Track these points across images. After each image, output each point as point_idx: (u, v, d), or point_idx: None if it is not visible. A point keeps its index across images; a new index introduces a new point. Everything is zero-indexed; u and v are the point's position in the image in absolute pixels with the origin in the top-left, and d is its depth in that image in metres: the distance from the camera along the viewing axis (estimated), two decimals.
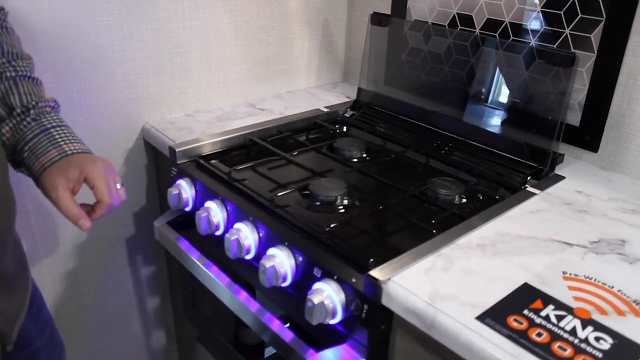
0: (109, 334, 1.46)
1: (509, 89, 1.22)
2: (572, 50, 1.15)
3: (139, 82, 1.29)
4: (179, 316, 1.54)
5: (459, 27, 1.35)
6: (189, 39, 1.33)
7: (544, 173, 1.11)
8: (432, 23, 1.40)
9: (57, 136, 0.89)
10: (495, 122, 1.24)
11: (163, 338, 1.59)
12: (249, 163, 1.15)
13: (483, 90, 1.26)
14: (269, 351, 1.32)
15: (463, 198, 1.05)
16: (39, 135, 0.88)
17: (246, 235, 0.95)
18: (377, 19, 1.42)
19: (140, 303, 1.50)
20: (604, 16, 1.09)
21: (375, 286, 0.76)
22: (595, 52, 1.12)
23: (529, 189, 1.06)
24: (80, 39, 1.16)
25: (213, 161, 1.17)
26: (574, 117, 1.18)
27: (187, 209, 1.13)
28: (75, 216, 0.85)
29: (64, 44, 1.15)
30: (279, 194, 1.00)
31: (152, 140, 1.31)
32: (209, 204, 1.05)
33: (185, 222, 1.18)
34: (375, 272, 0.77)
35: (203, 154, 1.19)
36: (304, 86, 1.62)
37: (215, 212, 1.03)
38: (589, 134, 1.17)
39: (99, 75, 1.22)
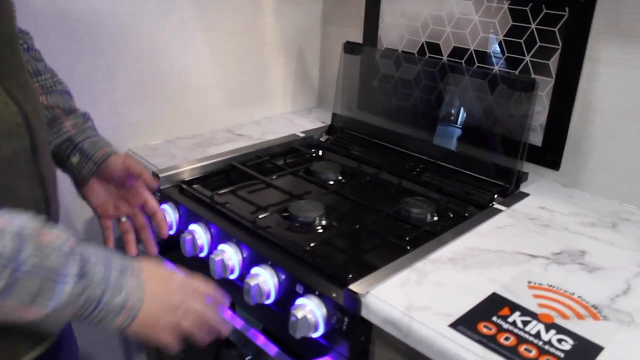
0: (88, 359, 1.48)
1: (475, 112, 1.29)
2: (533, 75, 1.23)
3: (123, 110, 1.33)
4: None
5: (428, 54, 1.42)
6: (171, 68, 1.38)
7: (510, 191, 1.18)
8: (402, 51, 1.47)
9: (87, 148, 0.97)
10: (463, 143, 1.31)
11: (145, 358, 1.62)
12: (230, 187, 1.20)
13: (451, 114, 1.33)
14: None
15: (434, 216, 1.11)
16: (97, 135, 1.01)
17: (230, 256, 1.00)
18: (350, 47, 1.49)
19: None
20: (560, 44, 1.17)
21: (355, 299, 0.81)
22: (554, 77, 1.20)
23: (496, 206, 1.12)
24: (67, 69, 1.20)
25: (195, 186, 1.22)
26: (537, 138, 1.26)
27: (171, 232, 1.17)
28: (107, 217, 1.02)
29: None
30: (261, 216, 1.05)
31: None
32: (193, 227, 1.09)
33: (169, 245, 1.22)
34: (354, 287, 0.83)
35: (185, 179, 1.24)
36: (280, 112, 1.68)
37: (200, 234, 1.07)
38: (550, 154, 1.25)
39: (85, 104, 1.25)
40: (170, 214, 1.16)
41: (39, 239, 0.60)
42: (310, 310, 0.85)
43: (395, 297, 0.81)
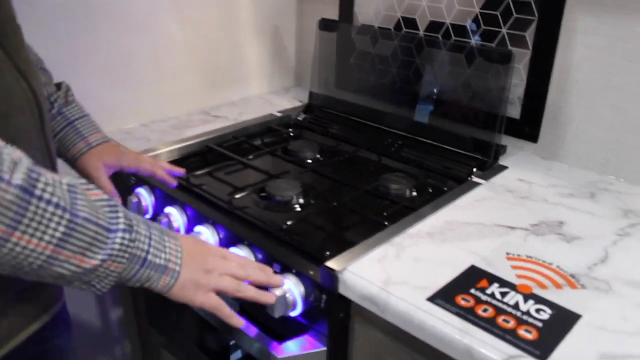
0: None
1: (453, 86, 1.28)
2: (510, 47, 1.22)
3: (94, 94, 1.30)
4: (143, 324, 1.55)
5: (404, 29, 1.41)
6: (142, 50, 1.35)
7: (488, 164, 1.17)
8: (378, 27, 1.45)
9: (81, 128, 1.02)
10: (441, 118, 1.30)
11: (128, 347, 1.60)
12: (206, 168, 1.18)
13: (429, 89, 1.32)
14: (235, 356, 1.34)
15: (413, 191, 1.11)
16: (65, 128, 1.00)
17: (207, 237, 0.98)
18: (325, 24, 1.47)
19: (102, 313, 1.51)
20: (536, 16, 1.16)
21: (332, 276, 0.81)
22: (531, 49, 1.19)
23: (475, 179, 1.12)
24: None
25: None
26: (515, 111, 1.25)
27: (148, 216, 1.15)
28: (112, 192, 0.99)
29: None
30: (237, 196, 1.04)
31: None
32: (169, 209, 1.07)
33: None
34: (331, 263, 0.82)
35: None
36: (257, 92, 1.65)
37: (176, 217, 1.06)
38: (528, 126, 1.24)
39: None
40: (145, 198, 1.14)
41: (87, 194, 0.62)
42: (288, 288, 0.84)
43: (373, 272, 0.81)
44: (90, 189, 0.64)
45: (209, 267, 0.75)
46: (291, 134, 1.41)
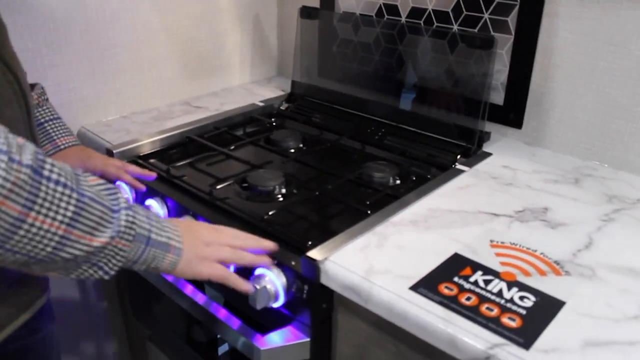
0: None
1: (436, 73, 1.27)
2: (492, 33, 1.21)
3: (71, 86, 1.28)
4: (128, 318, 1.53)
5: (386, 16, 1.39)
6: (120, 39, 1.33)
7: (472, 151, 1.16)
8: (360, 14, 1.44)
9: (50, 131, 1.02)
10: (424, 105, 1.29)
11: (114, 340, 1.58)
12: (187, 160, 1.16)
13: (412, 76, 1.31)
14: (223, 348, 1.33)
15: (397, 179, 1.09)
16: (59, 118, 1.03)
17: None
18: (307, 12, 1.45)
19: (87, 308, 1.49)
20: (518, 0, 1.15)
21: (314, 266, 0.79)
22: (513, 34, 1.18)
23: (459, 166, 1.11)
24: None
25: (151, 160, 1.18)
26: (498, 97, 1.24)
27: None
28: None
29: None
30: (218, 187, 1.02)
31: (89, 144, 1.30)
32: (149, 202, 1.05)
33: None
34: (312, 253, 0.80)
35: (141, 154, 1.20)
36: (238, 82, 1.63)
37: (156, 209, 1.04)
38: (512, 112, 1.23)
39: (29, 80, 1.20)
40: (126, 190, 1.12)
41: (86, 178, 0.64)
42: (269, 280, 0.83)
43: (355, 262, 0.79)
44: (87, 175, 0.65)
45: (207, 239, 0.77)
46: (274, 124, 1.39)
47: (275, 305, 0.85)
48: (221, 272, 0.78)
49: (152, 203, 1.04)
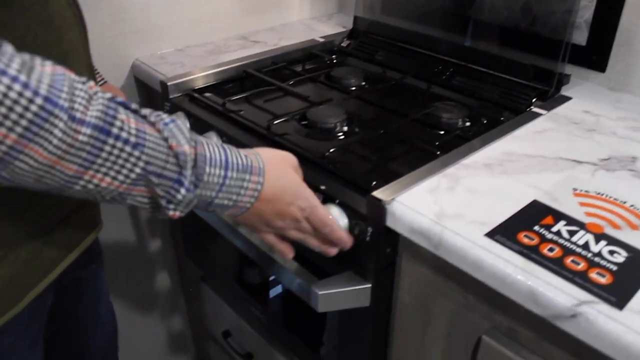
0: (109, 278, 1.45)
1: (512, 9, 1.16)
2: None
3: (126, 16, 1.24)
4: (181, 257, 1.52)
5: None
6: None
7: (550, 94, 1.06)
8: None
9: None
10: (497, 45, 1.19)
11: (167, 280, 1.58)
12: (243, 94, 1.11)
13: (484, 12, 1.20)
14: (275, 291, 1.30)
15: (466, 121, 1.02)
16: None
17: None
18: None
19: (140, 246, 1.48)
20: None
21: (379, 207, 0.73)
22: None
23: (535, 109, 1.02)
24: None
25: (207, 94, 1.13)
26: (580, 37, 1.13)
27: None
28: None
29: None
30: (276, 122, 0.97)
31: (143, 77, 1.26)
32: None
33: None
34: (378, 193, 0.75)
35: (196, 88, 1.15)
36: (297, 18, 1.56)
37: None
38: (596, 54, 1.13)
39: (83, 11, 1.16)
40: (184, 121, 1.08)
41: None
42: None
43: (424, 204, 0.73)
44: (159, 118, 0.59)
45: (278, 225, 0.71)
46: (334, 61, 1.31)
47: None
48: (272, 242, 0.74)
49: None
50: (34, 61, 0.48)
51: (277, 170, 0.68)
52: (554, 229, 0.69)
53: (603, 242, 0.67)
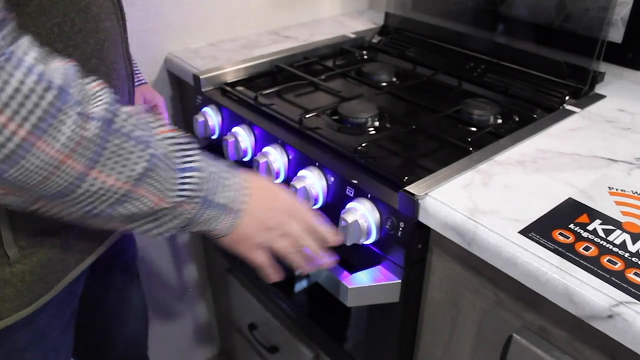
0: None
1: (545, 5, 1.15)
2: None
3: (160, 11, 1.25)
4: (209, 249, 1.54)
5: None
6: None
7: (584, 92, 1.05)
8: None
9: None
10: (530, 41, 1.18)
11: (194, 271, 1.60)
12: (275, 88, 1.11)
13: (517, 9, 1.19)
14: (300, 286, 1.31)
15: (498, 118, 1.01)
16: None
17: (275, 158, 0.93)
18: None
19: (170, 237, 1.50)
20: None
21: (412, 202, 0.73)
22: None
23: (568, 107, 1.01)
24: None
25: (239, 88, 1.14)
26: (616, 34, 1.12)
27: (214, 136, 1.11)
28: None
29: None
30: (307, 116, 0.97)
31: (176, 70, 1.27)
32: (236, 129, 1.02)
33: (211, 151, 1.16)
34: (411, 188, 0.74)
35: (228, 81, 1.16)
36: (329, 14, 1.56)
37: (243, 137, 1.00)
38: (632, 52, 1.11)
39: None
40: (212, 117, 1.09)
41: (158, 129, 0.59)
42: (361, 214, 0.78)
43: (457, 199, 0.73)
44: (159, 123, 0.59)
45: (272, 223, 0.68)
46: (365, 57, 1.31)
47: (367, 242, 0.81)
48: (261, 262, 0.69)
49: (239, 130, 1.01)
50: (48, 54, 0.49)
51: (261, 186, 0.69)
52: (590, 227, 0.68)
53: None
